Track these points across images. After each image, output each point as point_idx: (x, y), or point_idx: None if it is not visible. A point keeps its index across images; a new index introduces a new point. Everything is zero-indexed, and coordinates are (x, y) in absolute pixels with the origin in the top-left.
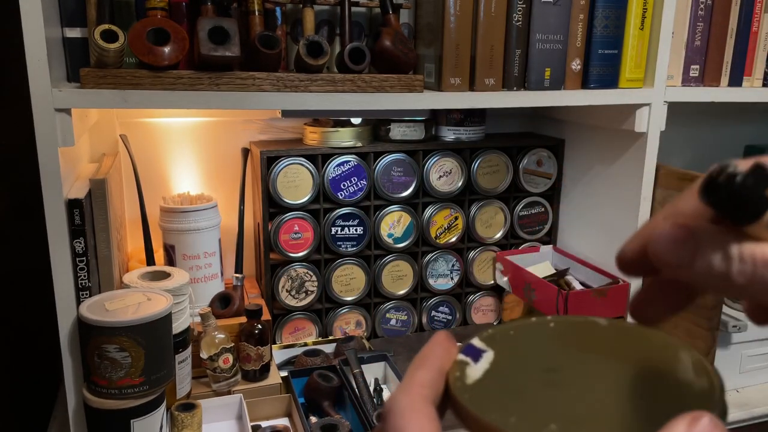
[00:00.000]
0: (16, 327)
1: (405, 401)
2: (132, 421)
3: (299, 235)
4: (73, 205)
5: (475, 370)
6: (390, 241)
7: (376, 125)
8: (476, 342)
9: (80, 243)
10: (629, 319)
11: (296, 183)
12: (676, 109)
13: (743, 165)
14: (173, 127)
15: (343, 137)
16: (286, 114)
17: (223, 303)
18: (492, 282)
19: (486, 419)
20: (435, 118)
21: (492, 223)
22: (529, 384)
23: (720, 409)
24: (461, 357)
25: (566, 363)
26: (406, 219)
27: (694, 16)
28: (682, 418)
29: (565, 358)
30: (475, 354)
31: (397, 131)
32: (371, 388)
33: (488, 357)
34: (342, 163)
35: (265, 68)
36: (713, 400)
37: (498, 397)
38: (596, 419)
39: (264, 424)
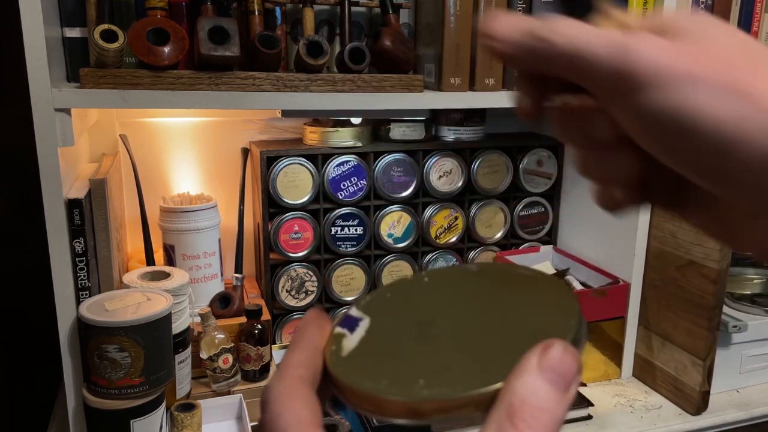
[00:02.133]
0: (16, 327)
1: (279, 386)
2: (132, 421)
3: (299, 235)
4: (73, 205)
5: (351, 341)
6: (390, 241)
7: (376, 125)
8: (353, 312)
9: (80, 243)
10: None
11: (296, 183)
12: None
13: None
14: (173, 127)
15: (343, 137)
16: (286, 114)
17: (223, 303)
18: None
19: (358, 387)
20: (435, 118)
21: (492, 223)
22: (404, 343)
23: (573, 335)
24: (337, 329)
25: (440, 314)
26: (406, 219)
27: None
28: (535, 348)
29: (441, 309)
30: (352, 324)
31: (397, 131)
32: None
33: (364, 324)
34: (342, 163)
35: (265, 68)
36: (568, 327)
37: (372, 364)
38: (464, 362)
39: None
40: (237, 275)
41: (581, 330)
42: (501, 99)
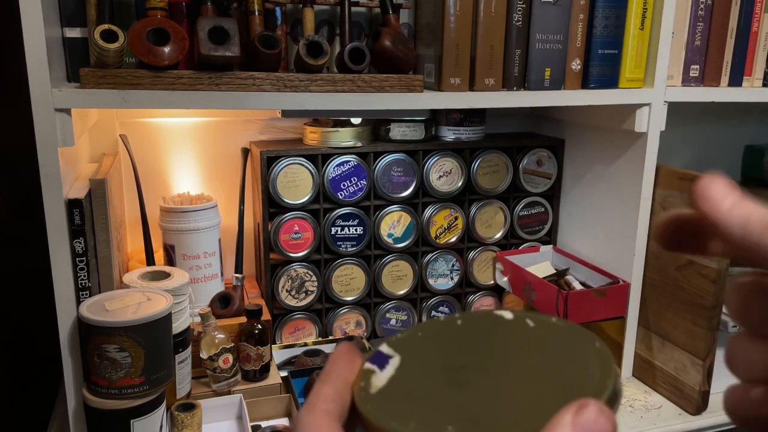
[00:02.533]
0: (16, 327)
1: (308, 420)
2: (132, 421)
3: (299, 235)
4: (73, 205)
5: (380, 378)
6: (390, 241)
7: (376, 125)
8: (384, 348)
9: (80, 243)
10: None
11: (296, 183)
12: (676, 109)
13: None
14: (173, 127)
15: (343, 137)
16: (286, 114)
17: (223, 303)
18: (492, 282)
19: (386, 427)
20: (435, 118)
21: (492, 223)
22: (433, 386)
23: (609, 395)
24: (367, 365)
25: (472, 360)
26: (406, 219)
27: (694, 16)
28: (569, 407)
29: (471, 355)
30: (382, 361)
31: (397, 131)
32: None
33: (394, 363)
34: (342, 163)
35: (265, 68)
36: (603, 386)
37: (400, 404)
38: (494, 415)
39: (264, 424)
40: (237, 275)
41: (617, 390)
42: (501, 99)
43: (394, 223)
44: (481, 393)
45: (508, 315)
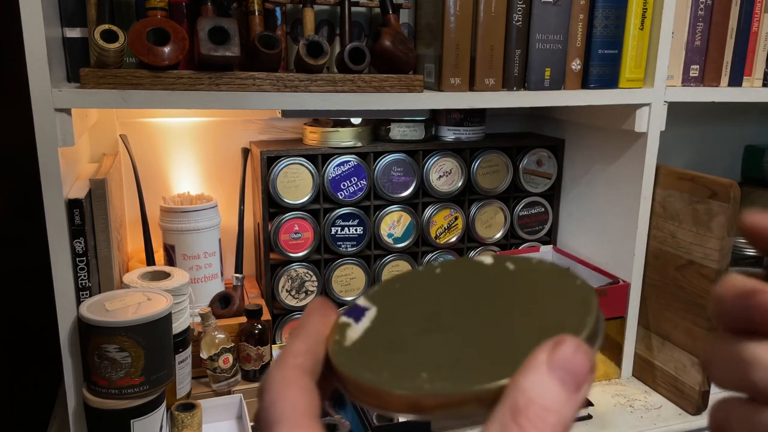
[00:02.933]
0: (16, 327)
1: (277, 374)
2: (132, 421)
3: (299, 235)
4: (73, 205)
5: (355, 331)
6: (390, 241)
7: (376, 125)
8: (360, 301)
9: (80, 243)
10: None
11: (296, 183)
12: (676, 109)
13: None
14: (173, 127)
15: (343, 137)
16: (286, 114)
17: (223, 303)
18: None
19: (359, 379)
20: (435, 118)
21: (492, 223)
22: (409, 334)
23: (589, 332)
24: (343, 319)
25: (449, 306)
26: (406, 219)
27: (694, 16)
28: (545, 344)
29: (449, 301)
30: (358, 313)
31: (397, 131)
32: None
33: (370, 314)
34: (342, 163)
35: (265, 68)
36: (583, 323)
37: (375, 354)
38: (470, 358)
39: None
40: (237, 275)
41: (597, 327)
42: (501, 99)
43: (394, 223)
44: (457, 337)
45: (488, 259)
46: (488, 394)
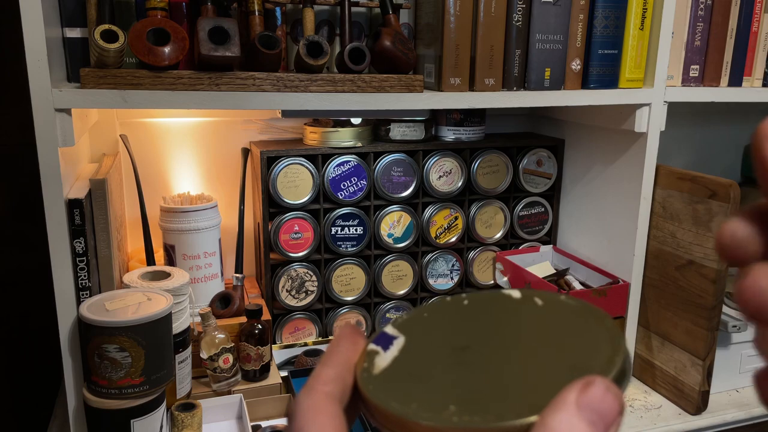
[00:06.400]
0: (16, 327)
1: (307, 401)
2: (132, 421)
3: (299, 235)
4: (73, 205)
5: (384, 359)
6: (390, 241)
7: (376, 125)
8: (388, 329)
9: (80, 243)
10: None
11: (296, 183)
12: (676, 109)
13: None
14: (173, 127)
15: (343, 137)
16: (286, 114)
17: (223, 303)
18: (492, 282)
19: (387, 408)
20: (435, 118)
21: (492, 223)
22: (437, 366)
23: (617, 373)
24: (371, 347)
25: (477, 340)
26: (406, 219)
27: (694, 16)
28: (574, 384)
29: (477, 334)
30: (386, 342)
31: (397, 131)
32: None
33: (399, 343)
34: (342, 163)
35: (265, 68)
36: (611, 363)
37: (403, 384)
38: (498, 393)
39: (264, 424)
40: (237, 275)
41: (626, 367)
42: (501, 99)
43: (394, 223)
44: (485, 372)
45: (516, 294)
46: (516, 431)
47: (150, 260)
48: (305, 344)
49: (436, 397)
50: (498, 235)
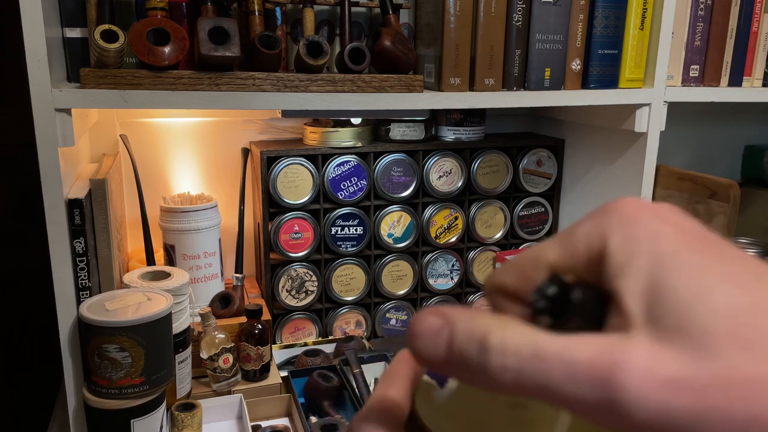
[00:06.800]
0: (16, 327)
1: (373, 425)
2: (132, 421)
3: (299, 235)
4: (73, 205)
5: (441, 395)
6: (390, 241)
7: (376, 125)
8: None
9: (80, 243)
10: None
11: (296, 183)
12: (676, 109)
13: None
14: (173, 127)
15: (343, 137)
16: (286, 114)
17: (223, 303)
18: None
19: None
20: (435, 118)
21: (492, 223)
22: (494, 418)
23: None
24: (427, 378)
25: (531, 401)
26: (406, 219)
27: (694, 16)
28: None
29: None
30: (441, 377)
31: (397, 131)
32: (371, 388)
33: (453, 384)
34: (342, 163)
35: (265, 68)
36: None
37: (462, 427)
38: None
39: (264, 424)
40: (237, 275)
41: None
42: (501, 99)
43: (394, 223)
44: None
45: None
46: None
47: (150, 260)
48: (305, 344)
49: None
50: (498, 235)
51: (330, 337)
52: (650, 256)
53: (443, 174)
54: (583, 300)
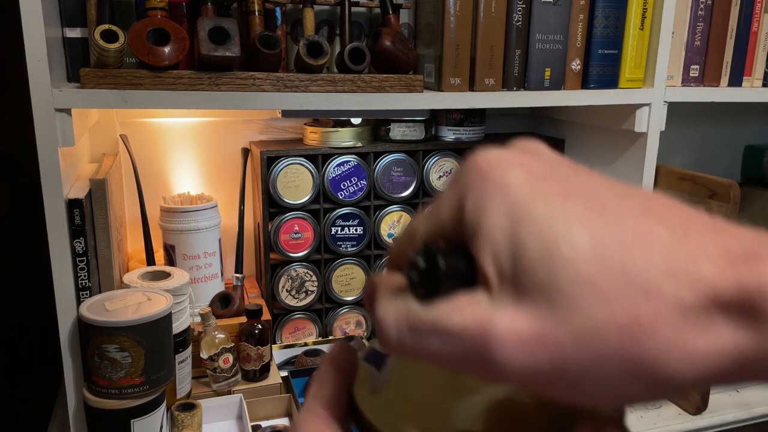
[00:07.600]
0: (16, 327)
1: (309, 425)
2: (132, 421)
3: (299, 235)
4: (73, 205)
5: (379, 380)
6: (390, 241)
7: (376, 125)
8: (377, 345)
9: (80, 243)
10: None
11: (296, 183)
12: (676, 109)
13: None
14: (173, 127)
15: (343, 137)
16: (286, 114)
17: (223, 303)
18: None
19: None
20: (435, 118)
21: None
22: (435, 395)
23: (624, 420)
24: (365, 366)
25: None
26: (406, 219)
27: (694, 16)
28: (587, 424)
29: None
30: (378, 361)
31: (397, 131)
32: None
33: (391, 363)
34: (342, 163)
35: (265, 68)
36: (621, 420)
37: (403, 409)
38: (499, 425)
39: (264, 424)
40: (237, 275)
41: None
42: (501, 99)
43: (394, 223)
44: (487, 406)
45: None
46: None
47: (150, 260)
48: (305, 344)
49: (439, 427)
50: None
51: (330, 337)
52: (501, 211)
53: (443, 174)
54: (449, 267)
